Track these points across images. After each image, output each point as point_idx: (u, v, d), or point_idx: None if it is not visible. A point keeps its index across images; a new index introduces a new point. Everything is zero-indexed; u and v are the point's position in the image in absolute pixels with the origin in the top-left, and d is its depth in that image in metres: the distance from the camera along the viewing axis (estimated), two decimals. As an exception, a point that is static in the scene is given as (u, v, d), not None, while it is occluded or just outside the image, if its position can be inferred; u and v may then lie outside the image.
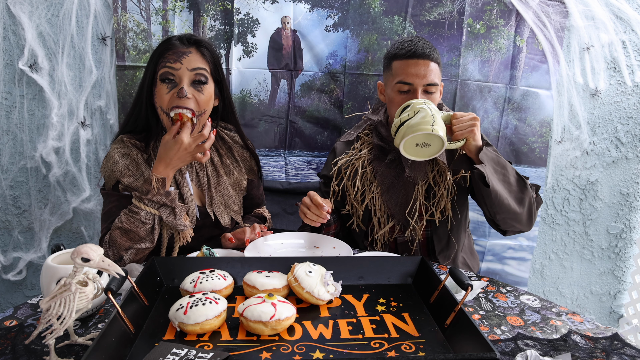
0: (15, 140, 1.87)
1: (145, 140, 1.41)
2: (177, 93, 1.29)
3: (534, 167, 2.01)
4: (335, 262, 1.12)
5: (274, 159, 2.00)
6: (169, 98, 1.31)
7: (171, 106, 1.31)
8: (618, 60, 1.95)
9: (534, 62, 1.92)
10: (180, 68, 1.30)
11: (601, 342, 0.94)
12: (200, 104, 1.33)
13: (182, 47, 1.33)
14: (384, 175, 1.50)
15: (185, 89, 1.29)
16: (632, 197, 2.08)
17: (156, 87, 1.34)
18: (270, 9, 1.87)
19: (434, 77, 1.38)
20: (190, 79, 1.32)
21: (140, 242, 1.28)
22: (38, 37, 1.78)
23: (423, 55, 1.37)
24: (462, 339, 0.87)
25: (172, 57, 1.31)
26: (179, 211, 1.30)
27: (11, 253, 1.95)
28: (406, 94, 1.39)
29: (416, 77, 1.37)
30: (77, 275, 0.83)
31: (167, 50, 1.33)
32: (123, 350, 0.83)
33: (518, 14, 1.87)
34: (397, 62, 1.41)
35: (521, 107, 1.95)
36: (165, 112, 1.33)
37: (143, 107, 1.38)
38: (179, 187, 1.39)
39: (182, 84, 1.30)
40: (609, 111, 2.01)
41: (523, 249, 2.06)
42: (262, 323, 0.87)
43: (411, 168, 1.45)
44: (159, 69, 1.32)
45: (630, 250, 2.13)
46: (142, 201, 1.27)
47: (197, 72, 1.32)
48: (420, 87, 1.38)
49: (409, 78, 1.38)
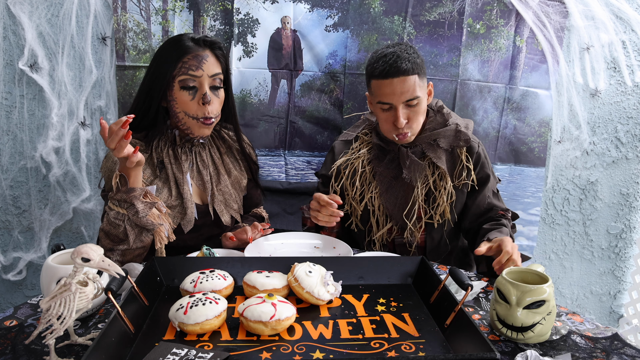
0: (15, 140, 1.87)
1: (146, 138, 1.42)
2: (202, 99, 1.34)
3: (533, 166, 2.01)
4: (335, 262, 1.12)
5: (274, 159, 2.00)
6: (194, 105, 1.35)
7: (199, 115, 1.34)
8: (618, 60, 1.95)
9: (534, 62, 1.92)
10: (201, 75, 1.33)
11: (601, 342, 0.94)
12: (217, 107, 1.39)
13: (199, 50, 1.35)
14: (382, 176, 1.50)
15: (209, 95, 1.34)
16: (632, 197, 2.08)
17: (173, 91, 1.35)
18: (270, 9, 1.87)
19: (412, 92, 1.36)
20: (209, 85, 1.36)
21: (120, 243, 1.26)
22: (38, 37, 1.78)
23: (397, 73, 1.34)
24: (462, 339, 0.87)
25: (193, 64, 1.32)
26: (141, 208, 1.23)
27: (11, 253, 1.95)
28: (388, 111, 1.40)
29: (393, 96, 1.36)
30: (77, 275, 0.83)
31: (185, 53, 1.33)
32: (123, 350, 0.83)
33: (518, 14, 1.87)
34: (374, 82, 1.40)
35: (520, 107, 1.95)
36: (190, 117, 1.36)
37: (153, 107, 1.37)
38: (178, 187, 1.39)
39: (204, 89, 1.34)
40: (609, 111, 2.01)
41: (523, 249, 2.06)
42: (262, 323, 0.87)
43: (409, 169, 1.45)
44: (177, 74, 1.33)
45: (630, 250, 2.13)
46: (111, 200, 1.25)
47: (215, 77, 1.36)
48: (400, 104, 1.37)
49: (387, 98, 1.37)
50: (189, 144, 1.45)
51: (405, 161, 1.46)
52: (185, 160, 1.43)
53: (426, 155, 1.47)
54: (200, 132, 1.39)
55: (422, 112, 1.42)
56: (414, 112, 1.39)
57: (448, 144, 1.46)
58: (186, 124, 1.38)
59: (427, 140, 1.47)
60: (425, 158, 1.48)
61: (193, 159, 1.45)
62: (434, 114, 1.51)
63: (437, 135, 1.46)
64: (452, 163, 1.48)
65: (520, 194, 2.04)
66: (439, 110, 1.52)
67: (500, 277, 0.97)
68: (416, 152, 1.47)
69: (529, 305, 0.90)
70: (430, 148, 1.46)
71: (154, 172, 1.40)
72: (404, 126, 1.39)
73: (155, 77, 1.35)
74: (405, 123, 1.39)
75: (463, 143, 1.45)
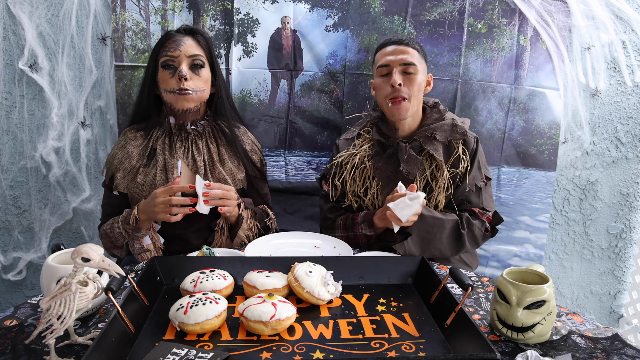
0: (15, 140, 1.87)
1: (146, 129, 1.51)
2: (178, 74, 1.42)
3: (542, 170, 1.95)
4: (335, 262, 1.12)
5: (274, 159, 1.99)
6: (173, 81, 1.43)
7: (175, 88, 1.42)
8: (618, 60, 1.95)
9: (539, 62, 1.89)
10: (179, 55, 1.43)
11: (601, 342, 0.94)
12: (198, 84, 1.45)
13: (179, 35, 1.46)
14: (382, 170, 1.52)
15: (185, 71, 1.42)
16: (632, 197, 2.08)
17: (158, 74, 1.46)
18: (270, 9, 1.87)
19: (410, 58, 1.46)
20: (188, 64, 1.44)
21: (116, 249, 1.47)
22: (38, 37, 1.78)
23: (399, 42, 1.50)
24: (462, 339, 0.87)
25: (172, 46, 1.44)
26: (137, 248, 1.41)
27: (11, 253, 1.95)
28: (386, 76, 1.48)
29: (392, 58, 1.47)
30: (77, 275, 0.83)
31: (166, 40, 1.46)
32: (123, 350, 0.83)
33: (521, 13, 1.86)
34: (378, 53, 1.54)
35: (528, 108, 1.91)
36: (168, 91, 1.44)
37: (145, 96, 1.49)
38: (167, 172, 1.45)
39: (181, 67, 1.43)
40: (609, 111, 2.01)
41: (530, 258, 2.00)
42: (263, 323, 0.87)
43: (407, 163, 1.48)
44: (160, 58, 1.45)
45: (630, 250, 2.13)
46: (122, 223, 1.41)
47: (194, 58, 1.44)
48: (397, 67, 1.46)
49: (385, 60, 1.48)
50: (185, 132, 1.49)
51: (404, 155, 1.48)
52: (179, 148, 1.48)
53: (424, 150, 1.50)
54: (180, 105, 1.44)
55: (418, 84, 1.48)
56: (410, 80, 1.47)
57: (445, 137, 1.49)
58: (168, 101, 1.46)
59: (425, 133, 1.50)
60: (423, 153, 1.50)
61: (188, 146, 1.49)
62: (430, 110, 1.56)
63: (434, 128, 1.50)
64: (448, 155, 1.50)
65: (528, 199, 1.97)
66: (434, 106, 1.57)
67: (501, 277, 0.97)
68: (414, 147, 1.50)
69: (529, 306, 0.90)
70: (427, 141, 1.49)
71: (141, 159, 1.47)
72: (398, 86, 1.44)
73: (147, 67, 1.50)
74: (400, 86, 1.45)
75: (459, 135, 1.49)
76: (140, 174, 1.45)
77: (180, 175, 1.46)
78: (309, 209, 2.02)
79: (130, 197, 1.47)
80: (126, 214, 1.40)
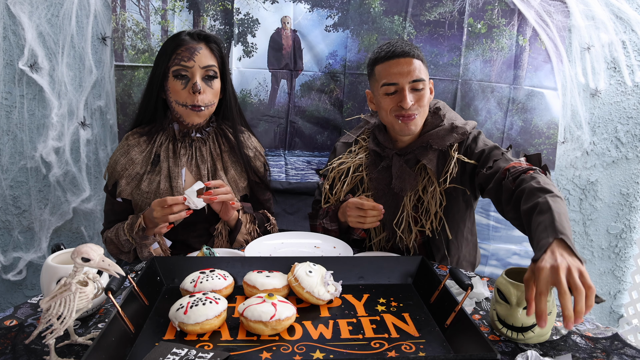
0: (15, 140, 1.87)
1: (149, 133, 1.48)
2: (192, 88, 1.38)
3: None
4: (335, 262, 1.12)
5: (274, 159, 1.99)
6: (185, 93, 1.39)
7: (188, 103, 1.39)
8: (618, 60, 1.95)
9: (538, 62, 1.89)
10: (193, 66, 1.38)
11: (601, 342, 0.94)
12: (210, 97, 1.42)
13: (193, 42, 1.40)
14: (376, 182, 1.47)
15: (199, 84, 1.38)
16: (632, 197, 2.08)
17: (168, 81, 1.40)
18: (270, 9, 1.87)
19: (419, 73, 1.33)
20: (201, 75, 1.40)
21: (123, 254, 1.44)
22: (38, 37, 1.78)
23: (403, 54, 1.33)
24: (462, 339, 0.87)
25: (186, 55, 1.38)
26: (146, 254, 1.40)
27: (11, 253, 1.95)
28: (393, 95, 1.35)
29: (400, 75, 1.33)
30: (77, 275, 0.83)
31: (179, 46, 1.40)
32: (123, 350, 0.83)
33: (520, 13, 1.86)
34: (379, 66, 1.37)
35: (526, 108, 1.90)
36: (180, 104, 1.40)
37: (152, 99, 1.45)
38: (171, 180, 1.44)
39: (194, 79, 1.38)
40: (609, 111, 2.01)
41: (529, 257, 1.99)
42: (263, 323, 0.87)
43: (399, 179, 1.41)
44: (171, 65, 1.39)
45: (630, 250, 2.13)
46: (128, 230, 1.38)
47: (207, 69, 1.40)
48: (406, 85, 1.33)
49: (393, 78, 1.33)
50: (189, 138, 1.47)
51: (397, 170, 1.42)
52: (183, 155, 1.46)
53: (419, 161, 1.42)
54: (190, 120, 1.42)
55: (427, 100, 1.38)
56: (419, 96, 1.35)
57: (441, 144, 1.39)
58: (178, 112, 1.42)
59: (421, 144, 1.42)
60: (418, 165, 1.43)
61: (192, 153, 1.48)
62: (430, 116, 1.45)
63: (430, 137, 1.41)
64: (443, 165, 1.41)
65: None
66: (435, 112, 1.46)
67: (501, 277, 0.97)
68: (410, 159, 1.43)
69: None
70: (423, 152, 1.41)
71: (145, 165, 1.45)
72: (410, 106, 1.33)
73: (154, 70, 1.43)
74: (412, 104, 1.34)
75: (459, 136, 1.39)
76: (145, 181, 1.43)
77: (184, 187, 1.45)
78: (309, 209, 2.02)
79: (134, 203, 1.45)
80: (130, 220, 1.38)
